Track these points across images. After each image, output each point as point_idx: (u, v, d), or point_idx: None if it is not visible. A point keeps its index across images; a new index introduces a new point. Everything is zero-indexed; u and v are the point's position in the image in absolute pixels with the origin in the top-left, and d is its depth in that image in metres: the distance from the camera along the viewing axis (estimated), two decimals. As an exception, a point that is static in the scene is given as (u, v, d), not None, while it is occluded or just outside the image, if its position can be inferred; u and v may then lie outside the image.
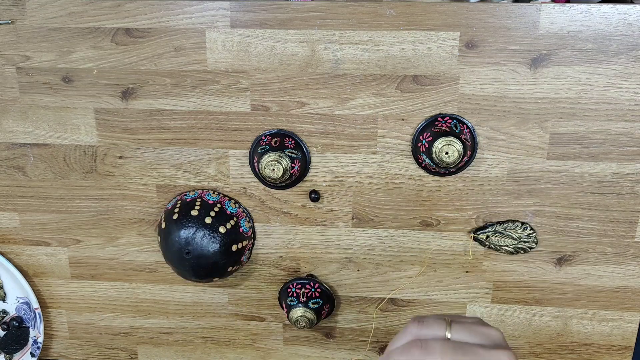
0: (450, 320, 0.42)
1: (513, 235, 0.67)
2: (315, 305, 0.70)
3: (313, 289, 0.71)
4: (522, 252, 0.67)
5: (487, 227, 0.68)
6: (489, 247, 0.68)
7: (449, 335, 0.41)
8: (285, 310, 0.71)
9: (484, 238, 0.68)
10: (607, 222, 0.67)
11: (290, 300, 0.71)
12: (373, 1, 0.62)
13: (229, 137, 0.68)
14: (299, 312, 0.69)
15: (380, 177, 0.68)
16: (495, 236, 0.67)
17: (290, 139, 0.66)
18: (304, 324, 0.69)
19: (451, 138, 0.60)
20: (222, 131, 0.68)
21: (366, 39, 0.63)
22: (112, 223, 0.74)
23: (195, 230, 0.66)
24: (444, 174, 0.67)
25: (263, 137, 0.67)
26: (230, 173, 0.70)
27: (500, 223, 0.67)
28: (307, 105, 0.66)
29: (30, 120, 0.70)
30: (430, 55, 0.63)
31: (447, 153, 0.60)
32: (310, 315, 0.69)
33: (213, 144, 0.69)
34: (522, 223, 0.67)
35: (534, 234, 0.67)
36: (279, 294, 0.74)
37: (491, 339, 0.41)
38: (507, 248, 0.67)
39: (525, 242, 0.67)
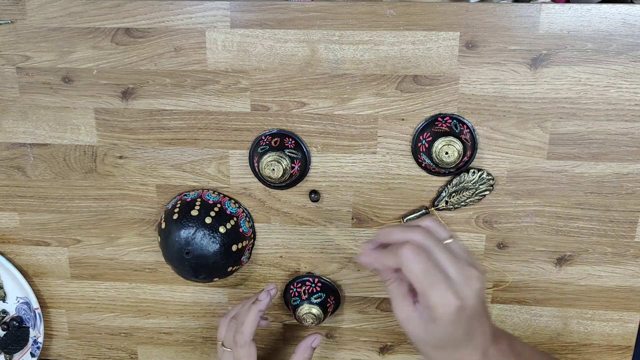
0: (454, 236, 0.51)
1: (467, 186, 0.65)
2: (319, 300, 0.70)
3: (313, 284, 0.71)
4: (488, 192, 0.66)
5: (441, 193, 0.67)
6: (456, 208, 0.67)
7: (449, 241, 0.50)
8: (292, 311, 0.71)
9: (445, 205, 0.67)
10: (607, 222, 0.67)
11: (294, 300, 0.71)
12: (373, 1, 0.62)
13: (229, 137, 0.68)
14: (304, 309, 0.69)
15: (380, 177, 0.68)
16: (453, 197, 0.66)
17: (290, 139, 0.66)
18: (311, 321, 0.69)
19: (451, 138, 0.60)
20: (222, 131, 0.68)
21: (366, 39, 0.63)
22: (112, 223, 0.74)
23: (195, 230, 0.66)
24: (444, 174, 0.67)
25: (263, 137, 0.67)
26: (230, 173, 0.70)
27: (449, 182, 0.66)
28: (307, 105, 0.66)
29: (30, 120, 0.70)
30: (430, 55, 0.63)
31: (447, 153, 0.60)
32: (315, 310, 0.69)
33: (213, 144, 0.69)
34: (468, 170, 0.65)
35: (484, 173, 0.65)
36: (284, 297, 0.74)
37: (473, 262, 0.49)
38: (471, 199, 0.66)
39: (482, 184, 0.66)
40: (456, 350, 0.49)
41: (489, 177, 0.66)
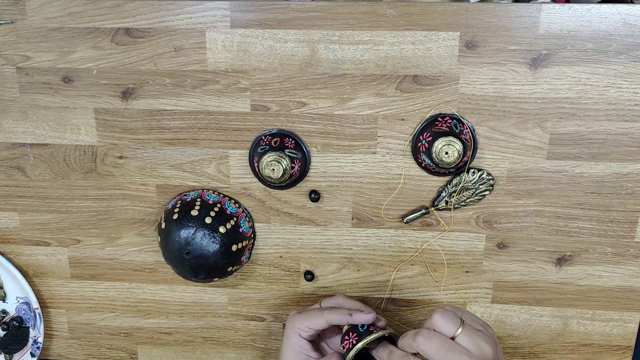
0: (464, 322, 0.53)
1: (467, 186, 0.66)
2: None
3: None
4: (488, 192, 0.66)
5: (441, 193, 0.67)
6: (456, 208, 0.67)
7: (457, 332, 0.52)
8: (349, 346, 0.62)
9: (445, 204, 0.67)
10: (607, 222, 0.67)
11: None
12: (373, 1, 0.62)
13: (229, 137, 0.68)
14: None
15: (380, 177, 0.68)
16: (453, 197, 0.66)
17: (290, 139, 0.66)
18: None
19: (451, 138, 0.60)
20: (222, 131, 0.68)
21: (366, 39, 0.63)
22: (112, 223, 0.74)
23: (195, 230, 0.66)
24: (444, 174, 0.67)
25: (263, 137, 0.67)
26: (230, 173, 0.70)
27: (449, 182, 0.67)
28: (307, 105, 0.66)
29: (30, 120, 0.70)
30: (430, 55, 0.63)
31: (447, 153, 0.60)
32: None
33: (213, 144, 0.69)
34: (468, 170, 0.65)
35: (484, 173, 0.66)
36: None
37: (482, 353, 0.51)
38: (471, 199, 0.67)
39: (482, 184, 0.66)
40: None
41: (489, 177, 0.66)
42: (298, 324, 0.63)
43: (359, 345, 0.59)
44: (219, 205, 0.68)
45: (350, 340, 0.61)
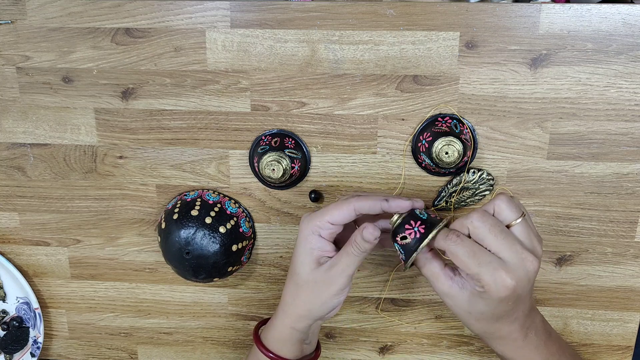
0: (525, 215, 0.49)
1: (467, 186, 0.66)
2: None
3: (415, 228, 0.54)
4: (488, 192, 0.66)
5: (441, 193, 0.67)
6: (456, 208, 0.67)
7: (516, 222, 0.49)
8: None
9: (445, 204, 0.67)
10: (607, 222, 0.67)
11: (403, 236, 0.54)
12: (373, 1, 0.62)
13: (229, 137, 0.68)
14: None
15: (380, 177, 0.68)
16: (453, 197, 0.66)
17: (290, 139, 0.66)
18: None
19: (451, 138, 0.60)
20: (222, 131, 0.68)
21: (366, 39, 0.63)
22: (112, 223, 0.74)
23: (195, 230, 0.66)
24: (444, 174, 0.67)
25: (263, 137, 0.67)
26: (230, 173, 0.70)
27: (449, 182, 0.67)
28: (307, 105, 0.66)
29: (30, 120, 0.70)
30: (430, 55, 0.63)
31: (447, 153, 0.60)
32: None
33: (213, 144, 0.69)
34: (468, 170, 0.65)
35: (484, 173, 0.66)
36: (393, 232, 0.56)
37: (533, 248, 0.49)
38: (471, 199, 0.67)
39: (482, 184, 0.66)
40: (497, 321, 0.51)
41: (489, 177, 0.66)
42: (318, 222, 0.54)
43: (433, 233, 0.51)
44: (219, 205, 0.68)
45: (416, 229, 0.52)
